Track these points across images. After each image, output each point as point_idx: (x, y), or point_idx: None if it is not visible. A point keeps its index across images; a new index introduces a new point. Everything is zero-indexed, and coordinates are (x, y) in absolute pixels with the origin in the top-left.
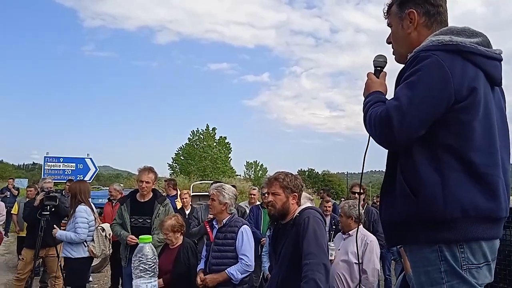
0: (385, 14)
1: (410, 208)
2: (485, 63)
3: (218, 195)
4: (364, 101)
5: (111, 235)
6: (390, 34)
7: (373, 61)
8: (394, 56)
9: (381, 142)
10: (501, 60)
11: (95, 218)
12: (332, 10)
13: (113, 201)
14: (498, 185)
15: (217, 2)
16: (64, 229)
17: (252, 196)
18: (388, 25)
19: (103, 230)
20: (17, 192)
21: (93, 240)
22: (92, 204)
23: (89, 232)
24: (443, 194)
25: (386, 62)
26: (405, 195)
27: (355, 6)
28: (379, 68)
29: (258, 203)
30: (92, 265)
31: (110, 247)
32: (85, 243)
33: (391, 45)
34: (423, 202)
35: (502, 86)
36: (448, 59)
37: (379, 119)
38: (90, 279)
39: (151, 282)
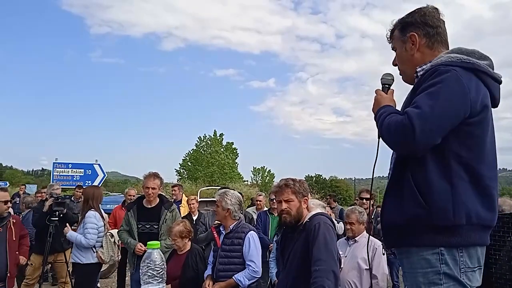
0: (389, 39)
1: (418, 211)
2: (492, 84)
3: (221, 201)
4: (377, 113)
5: (119, 241)
6: (395, 57)
7: (381, 79)
8: (401, 76)
9: (400, 147)
10: (501, 83)
11: (104, 224)
12: (338, 15)
13: None
14: (495, 197)
15: (223, 8)
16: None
17: (259, 202)
18: (392, 49)
19: (112, 236)
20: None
21: (102, 246)
22: (101, 210)
23: (98, 238)
24: (453, 201)
25: (394, 80)
26: (414, 199)
27: (360, 11)
28: (387, 86)
29: (265, 209)
30: (100, 270)
31: (119, 253)
32: (93, 248)
33: (397, 66)
34: (433, 207)
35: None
36: (466, 75)
37: (401, 125)
38: (98, 285)
39: None
